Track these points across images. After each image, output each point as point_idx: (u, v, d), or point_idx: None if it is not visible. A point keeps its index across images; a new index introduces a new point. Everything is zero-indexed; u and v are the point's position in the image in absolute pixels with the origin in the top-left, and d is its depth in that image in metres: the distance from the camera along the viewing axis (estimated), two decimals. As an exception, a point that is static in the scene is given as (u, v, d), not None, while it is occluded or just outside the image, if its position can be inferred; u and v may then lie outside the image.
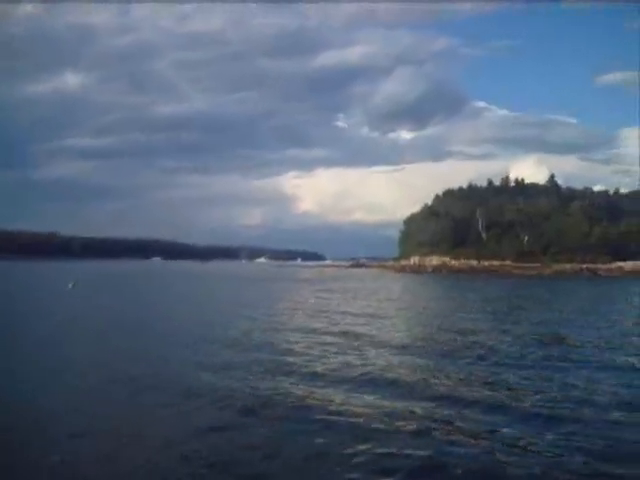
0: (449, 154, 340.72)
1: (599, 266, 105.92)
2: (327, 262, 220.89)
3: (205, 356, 17.31)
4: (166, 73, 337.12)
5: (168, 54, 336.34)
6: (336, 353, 18.07)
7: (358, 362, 16.57)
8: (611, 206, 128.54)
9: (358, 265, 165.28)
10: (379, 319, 28.33)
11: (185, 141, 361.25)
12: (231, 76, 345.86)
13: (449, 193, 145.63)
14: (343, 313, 30.64)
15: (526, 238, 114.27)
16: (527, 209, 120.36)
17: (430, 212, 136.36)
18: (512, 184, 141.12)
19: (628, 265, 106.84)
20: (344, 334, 22.10)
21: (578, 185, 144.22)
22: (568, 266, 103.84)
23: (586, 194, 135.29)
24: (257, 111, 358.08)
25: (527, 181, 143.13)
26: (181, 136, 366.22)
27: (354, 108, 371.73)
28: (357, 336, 21.71)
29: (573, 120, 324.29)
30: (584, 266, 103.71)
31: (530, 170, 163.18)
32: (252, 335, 21.79)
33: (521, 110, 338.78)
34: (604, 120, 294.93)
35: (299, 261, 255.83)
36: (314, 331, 23.04)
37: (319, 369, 15.54)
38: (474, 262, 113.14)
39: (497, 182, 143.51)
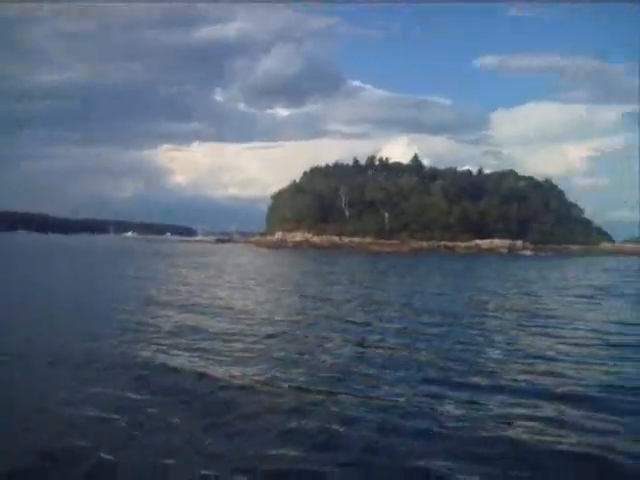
0: (326, 132, 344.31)
1: (457, 244, 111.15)
2: (198, 237, 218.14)
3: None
4: (45, 42, 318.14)
5: (47, 23, 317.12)
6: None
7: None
8: (473, 186, 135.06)
9: (223, 240, 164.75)
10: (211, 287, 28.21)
11: (59, 111, 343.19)
12: (110, 47, 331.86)
13: (316, 170, 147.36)
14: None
15: (387, 216, 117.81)
16: (389, 187, 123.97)
17: (296, 188, 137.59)
18: (377, 162, 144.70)
19: (485, 243, 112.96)
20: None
21: (448, 165, 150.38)
22: (426, 243, 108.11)
23: (449, 174, 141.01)
24: (134, 82, 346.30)
25: (399, 161, 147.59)
26: (55, 106, 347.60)
27: (232, 83, 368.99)
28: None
29: (447, 101, 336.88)
30: (441, 243, 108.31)
31: (402, 150, 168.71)
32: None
33: (397, 91, 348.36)
34: (477, 102, 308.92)
35: (168, 235, 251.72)
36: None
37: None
38: (336, 238, 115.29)
39: (366, 161, 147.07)
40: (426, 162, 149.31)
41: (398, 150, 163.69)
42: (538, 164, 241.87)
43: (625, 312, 22.61)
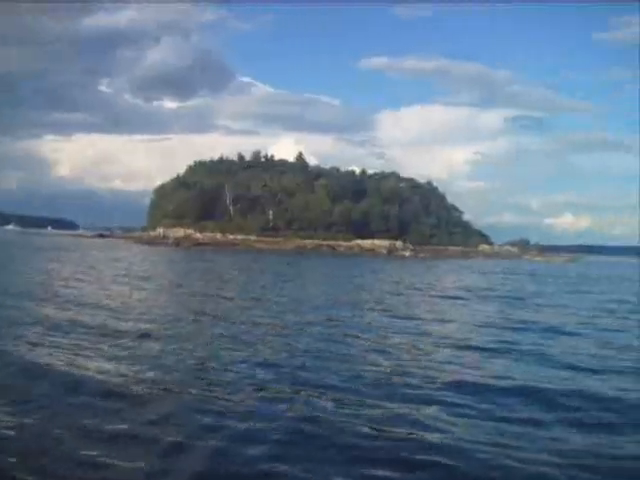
0: (214, 127, 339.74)
1: (340, 243, 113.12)
2: (79, 231, 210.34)
3: None
4: None
5: None
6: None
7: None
8: (355, 186, 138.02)
9: (104, 235, 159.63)
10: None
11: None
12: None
13: (200, 165, 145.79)
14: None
15: (271, 213, 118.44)
16: (273, 185, 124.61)
17: (179, 183, 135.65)
18: (262, 159, 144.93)
19: (366, 243, 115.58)
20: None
21: (335, 165, 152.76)
22: (308, 242, 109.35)
23: (333, 173, 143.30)
24: (17, 71, 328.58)
25: (286, 158, 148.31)
26: None
27: (119, 74, 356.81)
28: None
29: (336, 101, 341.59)
30: (324, 243, 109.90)
31: (289, 148, 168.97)
32: None
33: (286, 88, 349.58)
34: (365, 103, 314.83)
35: (49, 229, 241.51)
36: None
37: None
38: (219, 235, 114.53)
39: (251, 157, 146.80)
40: (313, 161, 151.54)
41: (285, 148, 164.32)
42: (422, 166, 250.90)
43: (484, 314, 23.88)
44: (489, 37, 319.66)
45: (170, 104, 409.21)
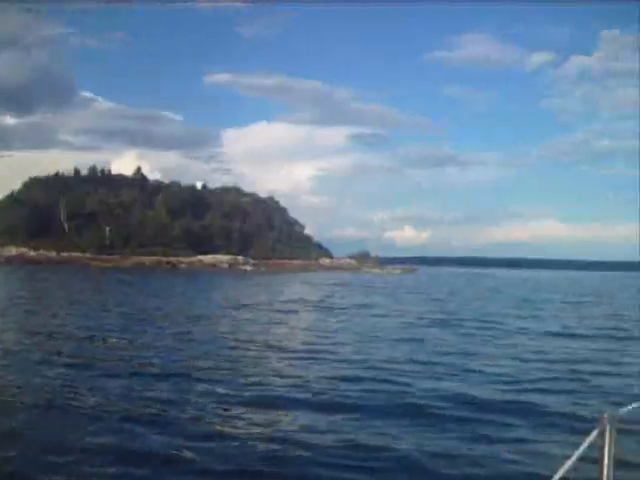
0: (55, 143, 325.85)
1: (181, 259, 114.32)
2: None
3: None
4: None
5: None
6: None
7: None
8: (197, 201, 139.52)
9: None
10: None
11: None
12: None
13: (35, 181, 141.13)
14: None
15: (108, 230, 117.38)
16: (110, 200, 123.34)
17: (13, 200, 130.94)
18: (99, 175, 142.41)
19: (208, 258, 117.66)
20: None
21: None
22: (147, 258, 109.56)
23: (173, 187, 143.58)
24: None
25: (125, 174, 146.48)
26: None
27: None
28: None
29: (179, 117, 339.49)
30: (164, 259, 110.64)
31: (133, 163, 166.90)
32: None
33: (128, 104, 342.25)
34: (209, 119, 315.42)
35: None
36: None
37: None
38: (53, 253, 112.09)
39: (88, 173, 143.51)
40: (157, 177, 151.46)
41: (128, 163, 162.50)
42: (268, 182, 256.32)
43: (301, 323, 27.31)
44: (328, 55, 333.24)
45: (9, 120, 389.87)
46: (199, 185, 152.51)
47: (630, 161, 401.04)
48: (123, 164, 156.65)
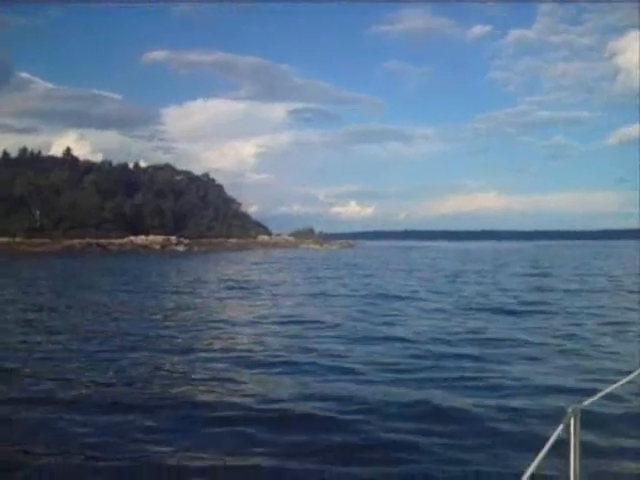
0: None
1: (112, 241, 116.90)
2: None
3: None
4: None
5: None
6: None
7: None
8: (129, 180, 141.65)
9: None
10: None
11: None
12: None
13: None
14: None
15: (37, 213, 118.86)
16: (39, 182, 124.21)
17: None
18: (28, 156, 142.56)
19: (139, 239, 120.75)
20: None
21: (122, 161, 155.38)
22: (78, 241, 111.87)
23: (104, 167, 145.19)
24: None
25: (55, 155, 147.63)
26: None
27: None
28: None
29: (118, 96, 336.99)
30: (94, 241, 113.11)
31: (73, 144, 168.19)
32: None
33: (67, 83, 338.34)
34: (149, 97, 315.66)
35: None
36: None
37: None
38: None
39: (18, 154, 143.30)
40: (99, 158, 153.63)
41: (69, 145, 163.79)
42: (212, 159, 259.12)
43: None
44: (267, 31, 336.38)
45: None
46: (131, 165, 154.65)
47: (570, 131, 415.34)
48: (64, 145, 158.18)
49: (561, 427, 3.17)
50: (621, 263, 74.37)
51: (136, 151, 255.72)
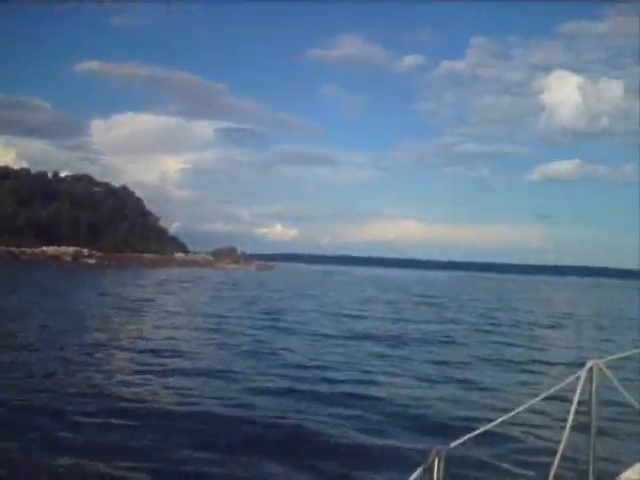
0: None
1: (24, 249, 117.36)
2: None
3: None
4: None
5: None
6: None
7: None
8: (47, 188, 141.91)
9: None
10: None
11: None
12: None
13: None
14: None
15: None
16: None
17: None
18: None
19: (51, 249, 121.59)
20: None
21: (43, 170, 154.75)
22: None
23: (21, 174, 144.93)
24: None
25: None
26: None
27: None
28: None
29: (47, 104, 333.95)
30: (4, 249, 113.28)
31: None
32: None
33: None
34: (78, 107, 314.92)
35: None
36: None
37: None
38: None
39: None
40: (23, 165, 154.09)
41: None
42: (136, 173, 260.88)
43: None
44: (202, 49, 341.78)
45: None
46: (50, 174, 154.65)
47: (496, 165, 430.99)
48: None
49: (420, 469, 2.92)
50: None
51: (62, 160, 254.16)
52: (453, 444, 3.21)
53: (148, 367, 19.42)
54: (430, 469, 2.97)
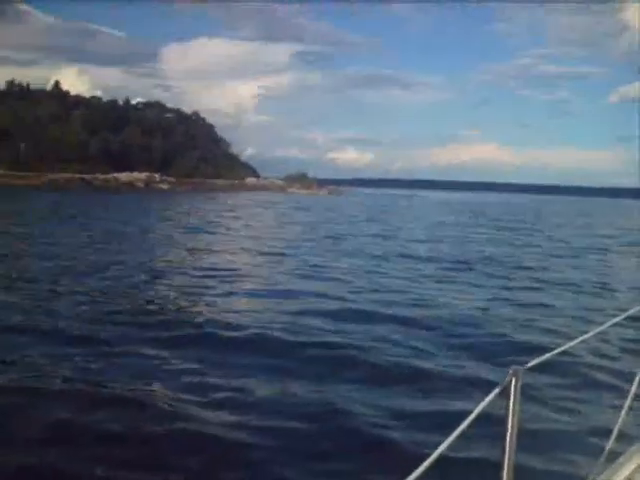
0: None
1: (96, 176, 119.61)
2: None
3: None
4: None
5: None
6: None
7: None
8: (117, 116, 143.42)
9: None
10: None
11: None
12: None
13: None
14: None
15: (22, 146, 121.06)
16: (26, 115, 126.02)
17: None
18: (17, 89, 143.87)
19: (123, 176, 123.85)
20: None
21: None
22: (62, 176, 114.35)
23: (93, 103, 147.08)
24: None
25: (44, 88, 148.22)
26: None
27: None
28: None
29: (120, 33, 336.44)
30: (78, 176, 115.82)
31: (73, 80, 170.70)
32: None
33: (67, 17, 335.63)
34: (149, 34, 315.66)
35: None
36: None
37: None
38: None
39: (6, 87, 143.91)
40: (97, 94, 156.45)
41: (69, 80, 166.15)
42: (210, 100, 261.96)
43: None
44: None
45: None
46: (121, 101, 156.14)
47: (574, 88, 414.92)
48: (64, 80, 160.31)
49: (497, 389, 2.90)
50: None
51: (136, 89, 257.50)
52: (530, 364, 3.15)
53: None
54: (507, 390, 2.92)
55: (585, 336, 4.16)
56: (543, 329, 15.18)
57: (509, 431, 2.86)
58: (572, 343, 3.89)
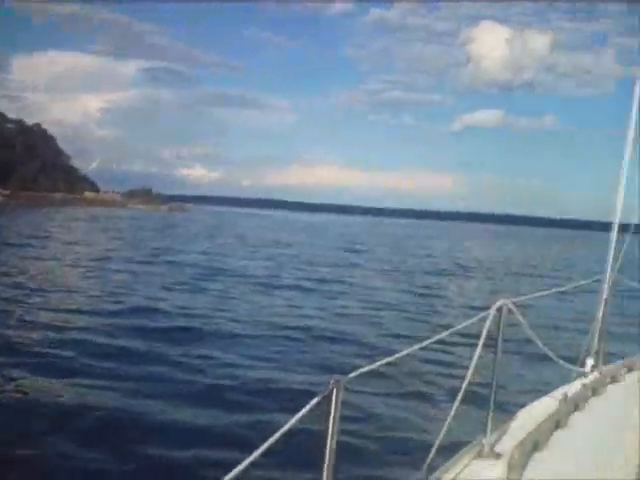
0: None
1: None
2: None
3: None
4: None
5: None
6: None
7: None
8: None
9: None
10: None
11: None
12: None
13: None
14: None
15: None
16: None
17: None
18: None
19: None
20: None
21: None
22: None
23: None
24: None
25: None
26: None
27: None
28: None
29: None
30: None
31: None
32: None
33: None
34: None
35: None
36: None
37: None
38: None
39: None
40: None
41: None
42: (56, 111, 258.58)
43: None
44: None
45: None
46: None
47: (420, 114, 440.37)
48: None
49: (318, 398, 2.73)
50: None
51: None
52: (352, 375, 3.04)
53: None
54: (328, 399, 2.79)
55: (407, 350, 3.95)
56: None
57: (329, 443, 2.77)
58: (396, 355, 3.73)
